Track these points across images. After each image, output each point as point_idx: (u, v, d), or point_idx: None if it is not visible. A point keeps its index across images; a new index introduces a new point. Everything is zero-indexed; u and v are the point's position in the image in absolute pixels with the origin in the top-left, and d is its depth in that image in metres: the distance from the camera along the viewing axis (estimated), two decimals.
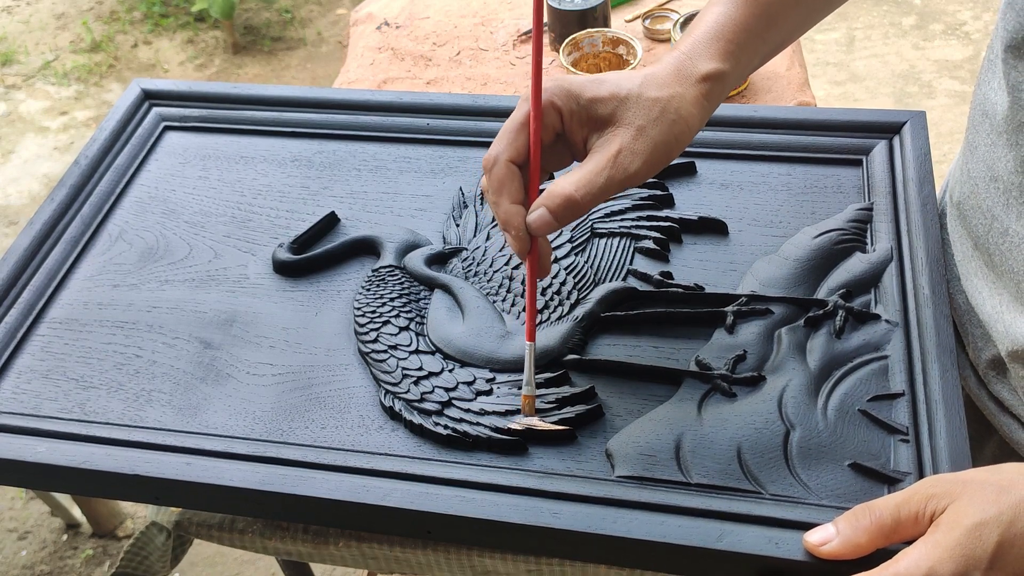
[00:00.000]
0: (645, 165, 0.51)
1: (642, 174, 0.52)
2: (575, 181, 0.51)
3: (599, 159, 0.51)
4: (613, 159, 0.51)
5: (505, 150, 0.52)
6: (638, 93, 0.52)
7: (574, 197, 0.51)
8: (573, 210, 0.51)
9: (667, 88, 0.52)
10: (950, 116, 2.30)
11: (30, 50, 2.89)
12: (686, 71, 0.53)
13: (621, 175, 0.51)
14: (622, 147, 0.51)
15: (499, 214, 0.52)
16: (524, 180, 0.53)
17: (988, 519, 0.42)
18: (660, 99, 0.52)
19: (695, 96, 0.53)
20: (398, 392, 0.60)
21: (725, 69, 0.54)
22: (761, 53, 0.58)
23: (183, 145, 0.82)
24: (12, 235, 2.26)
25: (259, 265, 0.70)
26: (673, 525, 0.51)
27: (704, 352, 0.60)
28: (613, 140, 0.52)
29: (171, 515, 0.64)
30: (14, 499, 1.69)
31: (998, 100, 0.57)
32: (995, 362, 0.63)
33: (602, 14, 1.06)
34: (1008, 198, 0.57)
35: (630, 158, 0.51)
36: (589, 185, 0.51)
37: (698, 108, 0.53)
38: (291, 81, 2.70)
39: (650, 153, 0.51)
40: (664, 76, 0.53)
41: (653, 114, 0.52)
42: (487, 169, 0.52)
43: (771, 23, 0.56)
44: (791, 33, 0.60)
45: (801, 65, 1.04)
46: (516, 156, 0.52)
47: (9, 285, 0.69)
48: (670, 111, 0.52)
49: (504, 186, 0.52)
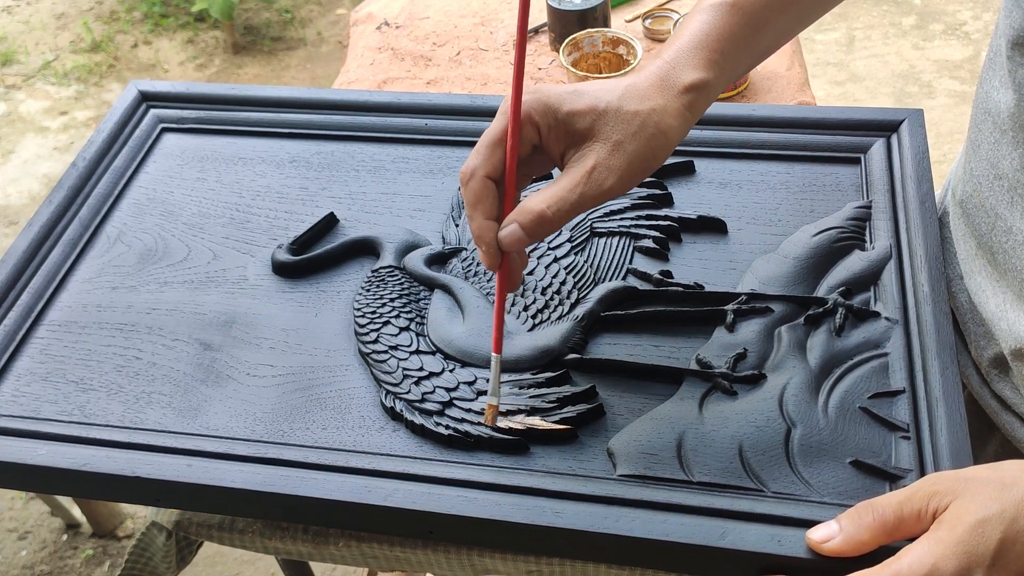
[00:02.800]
0: (620, 181, 0.51)
1: (616, 190, 0.51)
2: (547, 198, 0.50)
3: (573, 175, 0.51)
4: (587, 175, 0.50)
5: (482, 165, 0.51)
6: (617, 107, 0.51)
7: (546, 214, 0.50)
8: (544, 227, 0.50)
9: (648, 100, 0.51)
10: (950, 116, 2.30)
11: (30, 50, 2.89)
12: (669, 81, 0.52)
13: (594, 191, 0.50)
14: (597, 163, 0.50)
15: (472, 228, 0.52)
16: (500, 194, 0.52)
17: (990, 516, 0.42)
18: (640, 112, 0.51)
19: (677, 108, 0.52)
20: (399, 392, 0.59)
21: (709, 79, 0.53)
22: (746, 61, 0.57)
23: (181, 147, 0.81)
24: (12, 235, 2.26)
25: (258, 266, 0.70)
26: (675, 523, 0.51)
27: (705, 351, 0.60)
28: (589, 156, 0.51)
29: (171, 515, 0.64)
30: (14, 499, 1.69)
31: (1002, 98, 0.57)
32: (997, 360, 0.63)
33: (602, 14, 1.06)
34: (1013, 196, 0.57)
35: (604, 174, 0.50)
36: (561, 202, 0.50)
37: (679, 120, 0.52)
38: (291, 81, 2.70)
39: (625, 169, 0.50)
40: (645, 87, 0.52)
41: (632, 128, 0.51)
42: (463, 182, 0.52)
43: (756, 31, 0.56)
44: (777, 40, 0.59)
45: (801, 65, 1.04)
46: (492, 171, 0.51)
47: (8, 288, 0.69)
48: (649, 125, 0.51)
49: (480, 201, 0.51)
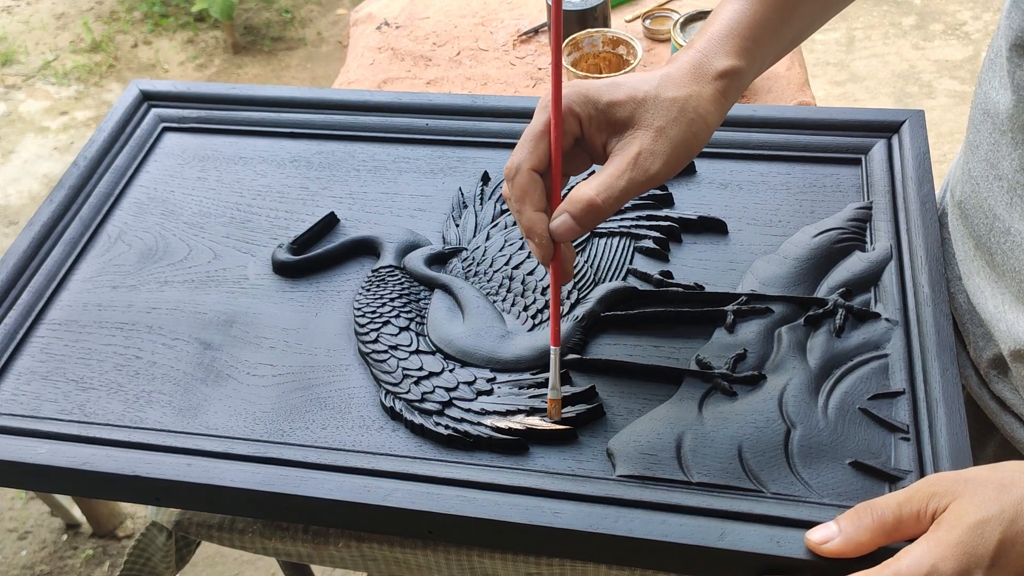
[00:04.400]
0: (666, 166, 0.52)
1: (663, 175, 0.52)
2: (596, 186, 0.51)
3: (619, 162, 0.52)
4: (633, 161, 0.51)
5: (527, 158, 0.52)
6: (655, 95, 0.52)
7: (596, 201, 0.51)
8: (595, 214, 0.51)
9: (684, 88, 0.53)
10: (950, 116, 2.30)
11: (30, 50, 2.89)
12: (702, 69, 0.54)
13: (642, 177, 0.51)
14: (642, 149, 0.51)
15: (522, 222, 0.52)
16: (545, 187, 0.53)
17: (990, 517, 0.42)
18: (678, 99, 0.52)
19: (712, 94, 0.53)
20: (399, 392, 0.60)
21: (741, 66, 0.54)
22: (776, 49, 0.58)
23: (182, 146, 0.82)
24: (12, 235, 2.26)
25: (259, 266, 0.70)
26: (674, 524, 0.51)
27: (704, 351, 0.60)
28: (633, 143, 0.52)
29: (171, 515, 0.64)
30: (14, 499, 1.69)
31: (1001, 99, 0.57)
32: (996, 361, 0.63)
33: (602, 14, 1.06)
34: (1012, 197, 0.57)
35: (650, 159, 0.51)
36: (610, 189, 0.51)
37: (715, 106, 0.53)
38: (291, 81, 2.70)
39: (670, 153, 0.52)
40: (680, 76, 0.53)
41: (671, 114, 0.52)
42: (509, 178, 0.52)
43: (786, 18, 0.57)
44: (806, 28, 0.60)
45: (801, 65, 1.04)
46: (538, 164, 0.52)
47: (8, 287, 0.69)
48: (688, 110, 0.52)
49: (527, 194, 0.52)
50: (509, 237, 0.69)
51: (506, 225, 0.71)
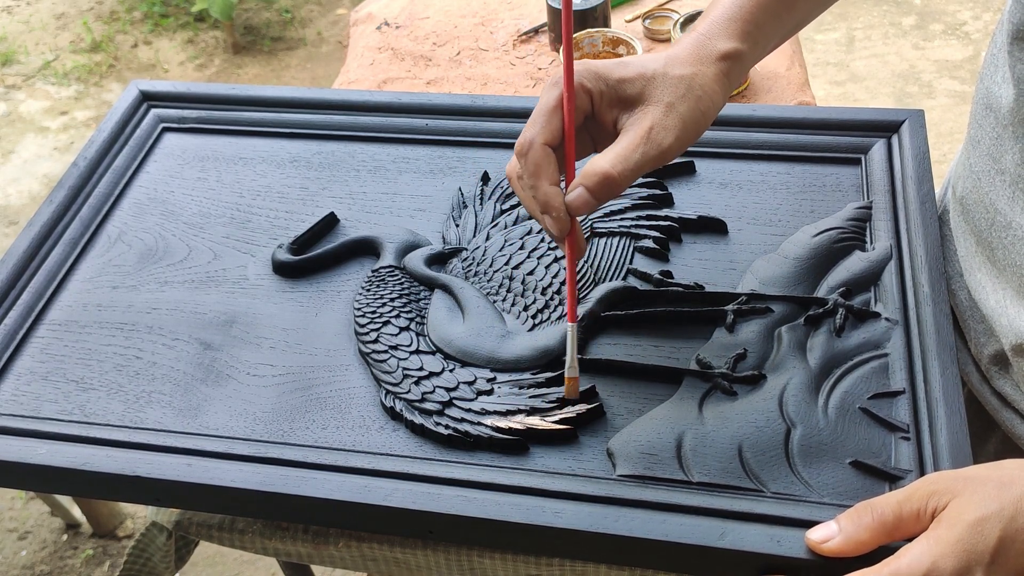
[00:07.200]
0: (677, 140, 0.52)
1: (675, 149, 0.52)
2: (611, 158, 0.51)
3: (632, 136, 0.52)
4: (646, 135, 0.52)
5: (540, 133, 0.52)
6: (663, 72, 0.53)
7: (611, 174, 0.51)
8: (611, 187, 0.51)
9: (689, 66, 0.54)
10: (950, 116, 2.30)
11: (30, 50, 2.89)
12: (704, 50, 0.55)
13: (655, 150, 0.52)
14: (654, 123, 0.52)
15: (538, 196, 0.52)
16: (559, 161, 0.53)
17: (989, 515, 0.42)
18: (685, 76, 0.53)
19: (715, 74, 0.54)
20: (399, 392, 0.60)
21: (743, 49, 0.55)
22: (777, 34, 0.59)
23: (182, 146, 0.82)
24: (12, 235, 2.26)
25: (259, 266, 0.70)
26: (675, 524, 0.51)
27: (705, 351, 0.60)
28: (644, 117, 0.52)
29: (171, 515, 0.64)
30: (14, 499, 1.69)
31: (1003, 93, 0.57)
32: (998, 357, 0.63)
33: (602, 14, 1.06)
34: (1014, 191, 0.57)
35: (663, 133, 0.52)
36: (625, 161, 0.51)
37: (720, 85, 0.54)
38: (291, 81, 2.69)
39: (681, 128, 0.52)
40: (685, 55, 0.54)
41: (680, 91, 0.53)
42: (522, 154, 0.53)
43: (788, 4, 0.58)
44: (807, 15, 0.61)
45: (801, 65, 1.04)
46: (551, 139, 0.52)
47: (8, 287, 0.69)
48: (695, 87, 0.53)
49: (541, 168, 0.52)
50: (509, 237, 0.69)
51: (506, 225, 0.71)
